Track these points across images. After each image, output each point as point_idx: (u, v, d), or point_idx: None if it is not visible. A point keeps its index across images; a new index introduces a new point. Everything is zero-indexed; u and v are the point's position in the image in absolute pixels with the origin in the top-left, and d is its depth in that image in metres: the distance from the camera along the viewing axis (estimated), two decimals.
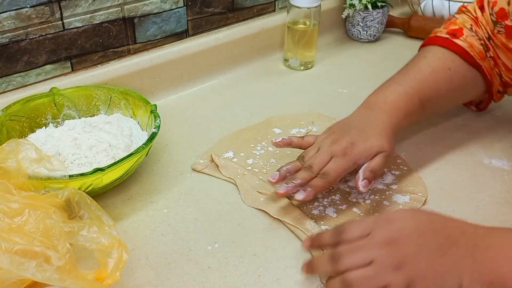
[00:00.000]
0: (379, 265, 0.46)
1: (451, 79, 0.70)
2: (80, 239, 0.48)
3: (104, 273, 0.47)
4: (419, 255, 0.46)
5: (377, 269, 0.45)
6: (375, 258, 0.46)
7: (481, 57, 0.70)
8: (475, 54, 0.70)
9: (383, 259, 0.46)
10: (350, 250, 0.47)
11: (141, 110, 0.71)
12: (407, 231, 0.47)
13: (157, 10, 0.83)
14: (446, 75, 0.70)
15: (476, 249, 0.45)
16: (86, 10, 0.75)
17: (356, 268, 0.46)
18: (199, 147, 0.74)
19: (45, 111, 0.70)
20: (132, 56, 0.83)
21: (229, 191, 0.66)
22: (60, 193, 0.52)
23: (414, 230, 0.47)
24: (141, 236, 0.59)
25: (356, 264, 0.46)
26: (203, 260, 0.55)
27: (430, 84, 0.68)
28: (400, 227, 0.47)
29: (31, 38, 0.71)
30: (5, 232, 0.45)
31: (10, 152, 0.53)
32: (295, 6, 0.93)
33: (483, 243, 0.46)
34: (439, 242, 0.46)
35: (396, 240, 0.46)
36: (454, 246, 0.46)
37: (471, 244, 0.46)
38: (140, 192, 0.65)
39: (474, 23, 0.72)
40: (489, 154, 0.73)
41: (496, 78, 0.72)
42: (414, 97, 0.67)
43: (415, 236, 0.46)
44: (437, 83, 0.69)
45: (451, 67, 0.70)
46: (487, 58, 0.70)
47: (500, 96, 0.75)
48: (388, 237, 0.47)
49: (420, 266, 0.45)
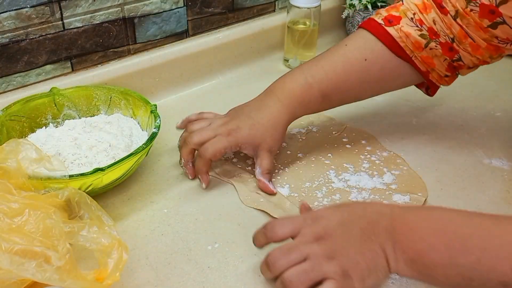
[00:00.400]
0: (314, 259, 0.48)
1: (365, 71, 0.68)
2: (80, 239, 0.48)
3: (104, 273, 0.47)
4: (346, 244, 0.49)
5: (312, 262, 0.48)
6: (308, 253, 0.48)
7: (416, 47, 0.67)
8: (407, 45, 0.67)
9: (316, 252, 0.48)
10: (283, 252, 0.49)
11: (141, 110, 0.71)
12: (333, 225, 0.50)
13: (157, 10, 0.83)
14: (360, 67, 0.68)
15: (394, 230, 0.48)
16: (86, 10, 0.75)
17: (292, 267, 0.48)
18: None
19: (45, 111, 0.70)
20: (132, 56, 0.83)
21: (229, 191, 0.66)
22: (60, 193, 0.52)
23: (338, 223, 0.50)
24: (141, 236, 0.59)
25: (292, 263, 0.48)
26: (203, 260, 0.55)
27: (338, 75, 0.68)
28: (326, 223, 0.50)
29: (31, 38, 0.71)
30: (5, 232, 0.45)
31: (10, 152, 0.53)
32: (295, 6, 0.93)
33: (399, 224, 0.49)
34: (361, 228, 0.49)
35: (325, 235, 0.49)
36: (375, 230, 0.49)
37: (390, 226, 0.49)
38: (140, 192, 0.65)
39: (421, 10, 0.67)
40: (489, 154, 0.73)
41: (441, 65, 0.68)
42: (314, 87, 0.67)
43: (341, 228, 0.50)
44: (348, 74, 0.68)
45: (368, 58, 0.68)
46: (426, 49, 0.67)
47: (449, 79, 0.71)
48: (317, 233, 0.49)
49: (350, 254, 0.48)
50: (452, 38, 0.65)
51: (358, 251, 0.48)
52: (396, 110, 0.84)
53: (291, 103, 0.67)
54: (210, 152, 0.64)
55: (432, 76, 0.69)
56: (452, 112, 0.83)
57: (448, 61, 0.67)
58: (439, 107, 0.85)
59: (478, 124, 0.80)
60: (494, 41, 0.64)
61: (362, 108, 0.84)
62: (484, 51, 0.65)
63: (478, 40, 0.64)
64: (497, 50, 0.65)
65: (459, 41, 0.65)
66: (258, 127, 0.65)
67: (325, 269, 0.47)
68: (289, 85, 0.68)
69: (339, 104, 0.72)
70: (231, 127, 0.65)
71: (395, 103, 0.86)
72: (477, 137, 0.77)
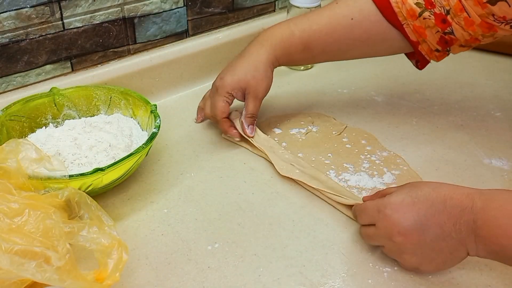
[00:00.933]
0: (388, 251, 0.53)
1: (351, 29, 0.70)
2: (80, 239, 0.48)
3: (104, 274, 0.47)
4: (423, 243, 0.50)
5: (387, 252, 0.53)
6: (384, 245, 0.53)
7: (410, 15, 0.67)
8: (401, 11, 0.67)
9: (389, 248, 0.52)
10: (366, 235, 0.55)
11: (141, 110, 0.71)
12: (408, 223, 0.50)
13: (157, 10, 0.83)
14: (344, 24, 0.70)
15: (476, 226, 0.48)
16: (86, 10, 0.75)
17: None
18: (199, 147, 0.74)
19: (45, 111, 0.70)
20: (132, 56, 0.83)
21: (229, 191, 0.66)
22: (60, 193, 0.52)
23: (415, 221, 0.50)
24: (141, 236, 0.59)
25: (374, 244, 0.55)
26: (203, 260, 0.55)
27: (321, 28, 0.70)
28: (399, 220, 0.50)
29: (31, 38, 0.71)
30: (5, 233, 0.45)
31: (10, 152, 0.53)
32: (295, 6, 0.93)
33: (481, 219, 0.48)
34: (441, 226, 0.49)
35: (399, 233, 0.50)
36: (456, 226, 0.48)
37: (471, 221, 0.48)
38: (140, 192, 0.65)
39: None
40: (489, 154, 0.73)
41: (433, 37, 0.68)
42: (295, 35, 0.70)
43: (417, 226, 0.49)
44: (331, 29, 0.70)
45: (355, 17, 0.69)
46: (419, 18, 0.67)
47: (440, 55, 0.72)
48: (391, 231, 0.51)
49: (426, 252, 0.50)
50: (447, 10, 0.65)
51: (434, 248, 0.49)
52: (396, 110, 0.84)
53: (272, 45, 0.70)
54: (216, 114, 0.71)
55: (421, 48, 0.70)
56: (452, 112, 0.83)
57: (440, 33, 0.67)
58: (439, 107, 0.85)
59: (478, 124, 0.80)
60: (489, 18, 0.64)
61: (362, 108, 0.84)
62: (477, 27, 0.65)
63: (474, 15, 0.64)
64: (490, 29, 0.65)
65: (454, 14, 0.65)
66: (239, 71, 0.69)
67: (398, 259, 0.53)
68: (272, 30, 0.71)
69: (321, 59, 0.75)
70: (217, 82, 0.71)
71: (395, 103, 0.86)
72: (477, 137, 0.77)
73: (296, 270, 0.54)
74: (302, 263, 0.55)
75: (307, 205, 0.63)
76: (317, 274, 0.54)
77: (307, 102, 0.87)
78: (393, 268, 0.54)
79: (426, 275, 0.53)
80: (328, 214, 0.62)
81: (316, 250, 0.57)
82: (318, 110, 0.84)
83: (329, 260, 0.55)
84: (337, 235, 0.59)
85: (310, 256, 0.56)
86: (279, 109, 0.84)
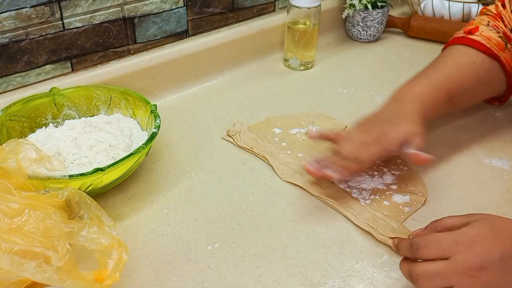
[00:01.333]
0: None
1: (477, 72, 0.71)
2: (80, 239, 0.48)
3: (104, 274, 0.47)
4: (506, 282, 0.44)
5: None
6: (455, 285, 0.44)
7: (499, 48, 0.72)
8: (493, 45, 0.72)
9: (465, 286, 0.44)
10: (428, 274, 0.46)
11: (141, 110, 0.71)
12: (491, 258, 0.44)
13: (157, 10, 0.83)
14: (472, 68, 0.71)
15: None
16: (86, 10, 0.75)
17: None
18: (199, 147, 0.74)
19: (45, 111, 0.70)
20: (132, 56, 0.83)
21: (229, 191, 0.66)
22: (60, 193, 0.52)
23: (499, 257, 0.44)
24: (141, 236, 0.59)
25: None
26: (203, 260, 0.55)
27: (457, 77, 0.70)
28: (483, 253, 0.44)
29: (31, 38, 0.71)
30: (5, 233, 0.45)
31: (10, 152, 0.53)
32: (295, 6, 0.93)
33: None
34: None
35: (479, 269, 0.44)
36: None
37: None
38: (140, 192, 0.65)
39: (493, 19, 0.74)
40: (489, 154, 0.73)
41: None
42: (441, 89, 0.68)
43: (500, 264, 0.44)
44: (464, 76, 0.71)
45: (476, 61, 0.72)
46: (506, 49, 0.72)
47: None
48: (470, 265, 0.44)
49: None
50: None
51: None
52: None
53: (424, 105, 0.66)
54: (364, 160, 0.61)
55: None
56: (452, 112, 0.83)
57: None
58: None
59: (478, 124, 0.80)
60: None
61: (362, 108, 0.84)
62: None
63: None
64: None
65: None
66: (404, 125, 0.62)
67: None
68: (418, 88, 0.68)
69: (459, 107, 0.74)
70: (377, 133, 0.62)
71: None
72: (477, 137, 0.77)
73: (296, 270, 0.54)
74: (302, 263, 0.55)
75: (307, 205, 0.63)
76: (317, 274, 0.54)
77: (307, 102, 0.87)
78: (393, 268, 0.54)
79: None
80: (328, 214, 0.62)
81: (316, 250, 0.57)
82: (318, 110, 0.84)
83: (329, 260, 0.55)
84: (337, 235, 0.59)
85: (310, 256, 0.56)
86: (279, 109, 0.84)
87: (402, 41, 1.12)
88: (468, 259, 0.44)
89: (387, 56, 1.04)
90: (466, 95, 0.72)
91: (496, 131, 0.78)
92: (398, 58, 1.03)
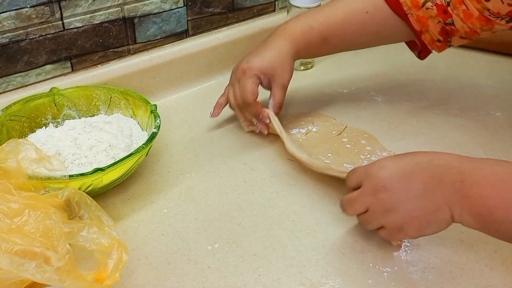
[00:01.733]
0: (372, 211, 0.52)
1: (365, 23, 0.73)
2: (80, 239, 0.48)
3: (104, 274, 0.47)
4: (406, 199, 0.50)
5: (371, 215, 0.52)
6: (368, 206, 0.52)
7: (413, 5, 0.70)
8: (405, 1, 0.70)
9: (374, 206, 0.52)
10: (348, 202, 0.54)
11: (141, 110, 0.71)
12: (393, 177, 0.50)
13: (157, 10, 0.83)
14: (360, 18, 0.72)
15: (463, 185, 0.47)
16: (86, 10, 0.75)
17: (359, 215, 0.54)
18: (199, 147, 0.74)
19: (45, 111, 0.70)
20: (132, 56, 0.83)
21: (229, 191, 0.66)
22: (60, 193, 0.52)
23: (400, 176, 0.50)
24: (141, 236, 0.59)
25: (356, 213, 0.54)
26: (203, 260, 0.55)
27: (338, 22, 0.73)
28: (386, 174, 0.51)
29: (31, 38, 0.71)
30: (5, 233, 0.45)
31: (10, 152, 0.53)
32: (295, 6, 0.93)
33: (470, 179, 0.48)
34: (425, 182, 0.49)
35: (384, 187, 0.50)
36: (441, 184, 0.48)
37: (458, 180, 0.48)
38: (140, 192, 0.65)
39: None
40: (489, 154, 0.73)
41: (435, 27, 0.71)
42: (314, 29, 0.72)
43: (401, 181, 0.50)
44: (347, 22, 0.73)
45: (369, 11, 0.72)
46: (423, 8, 0.70)
47: (442, 46, 0.74)
48: (376, 186, 0.51)
49: (409, 208, 0.50)
50: (448, 1, 0.68)
51: (417, 205, 0.49)
52: (396, 110, 0.84)
53: (293, 40, 0.71)
54: (247, 97, 0.69)
55: (424, 37, 0.72)
56: (452, 112, 0.83)
57: (441, 24, 0.69)
58: (439, 107, 0.85)
59: (478, 124, 0.80)
60: (485, 12, 0.65)
61: (362, 108, 0.84)
62: (476, 20, 0.67)
63: (472, 8, 0.66)
64: (488, 22, 0.67)
65: (454, 6, 0.67)
66: (267, 57, 0.70)
67: (382, 221, 0.51)
68: (291, 25, 0.73)
69: (336, 50, 0.77)
70: (243, 66, 0.70)
71: (395, 103, 0.86)
72: (477, 137, 0.77)
73: (296, 270, 0.54)
74: (302, 263, 0.55)
75: (307, 205, 0.63)
76: (317, 274, 0.54)
77: (307, 102, 0.87)
78: (393, 268, 0.54)
79: (426, 275, 0.53)
80: (328, 214, 0.62)
81: (316, 250, 0.57)
82: (318, 110, 0.84)
83: (329, 260, 0.55)
84: (337, 235, 0.59)
85: (310, 256, 0.56)
86: None
87: None
88: (371, 182, 0.52)
89: (387, 56, 1.04)
90: (346, 41, 0.74)
91: (496, 131, 0.78)
92: (398, 58, 1.03)
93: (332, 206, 0.63)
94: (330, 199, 0.64)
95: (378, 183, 0.51)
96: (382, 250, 0.56)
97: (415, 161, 0.51)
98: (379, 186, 0.51)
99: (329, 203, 0.63)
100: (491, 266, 0.54)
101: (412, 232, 0.51)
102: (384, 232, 0.53)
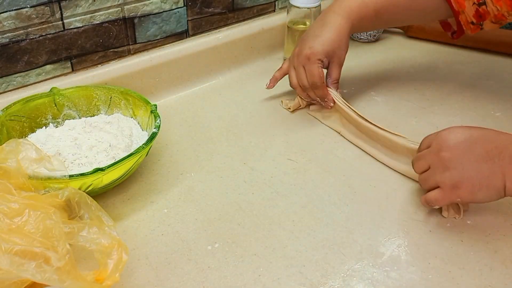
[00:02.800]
0: (432, 168, 0.57)
1: (413, 0, 0.77)
2: (80, 239, 0.48)
3: (104, 274, 0.47)
4: (466, 160, 0.54)
5: (430, 172, 0.57)
6: (430, 163, 0.57)
7: None
8: None
9: (435, 163, 0.56)
10: (415, 159, 0.60)
11: (141, 110, 0.71)
12: (459, 140, 0.55)
13: (157, 10, 0.83)
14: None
15: None
16: (86, 10, 0.75)
17: (421, 173, 0.59)
18: (199, 147, 0.74)
19: (45, 111, 0.70)
20: (132, 56, 0.83)
21: (229, 191, 0.66)
22: (60, 193, 0.51)
23: (465, 140, 0.55)
24: (141, 236, 0.59)
25: (420, 170, 0.59)
26: (203, 260, 0.55)
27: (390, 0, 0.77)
28: (453, 136, 0.56)
29: (31, 38, 0.71)
30: (5, 233, 0.45)
31: (10, 152, 0.53)
32: (295, 6, 0.93)
33: None
34: (487, 150, 0.54)
35: (448, 147, 0.55)
36: (501, 154, 0.53)
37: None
38: (140, 192, 0.65)
39: None
40: None
41: (470, 9, 0.74)
42: (369, 5, 0.76)
43: (465, 145, 0.55)
44: (398, 1, 0.77)
45: None
46: None
47: (475, 28, 0.77)
48: (441, 146, 0.56)
49: (466, 168, 0.54)
50: None
51: (475, 167, 0.54)
52: (396, 110, 0.84)
53: (350, 17, 0.75)
54: (316, 80, 0.74)
55: (461, 18, 0.75)
56: (452, 112, 0.83)
57: (475, 5, 0.72)
58: (439, 107, 0.85)
59: (478, 124, 0.80)
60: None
61: (362, 108, 0.84)
62: (503, 3, 0.70)
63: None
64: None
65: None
66: (327, 40, 0.74)
67: (438, 179, 0.56)
68: (347, 2, 0.77)
69: (385, 26, 0.86)
70: (306, 51, 0.74)
71: (395, 103, 0.86)
72: None
73: (296, 270, 0.54)
74: (302, 263, 0.55)
75: (307, 205, 0.63)
76: (317, 274, 0.54)
77: None
78: (393, 268, 0.54)
79: (426, 275, 0.53)
80: (328, 214, 0.62)
81: (316, 250, 0.57)
82: None
83: (329, 260, 0.55)
84: (337, 235, 0.59)
85: (310, 256, 0.56)
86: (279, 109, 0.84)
87: (401, 41, 1.12)
88: (437, 143, 0.57)
89: (387, 56, 1.04)
90: (396, 16, 0.79)
91: None
92: (398, 58, 1.03)
93: (332, 206, 0.63)
94: (330, 199, 0.64)
95: (444, 143, 0.56)
96: (382, 250, 0.56)
97: (483, 131, 0.56)
98: (444, 146, 0.55)
99: (329, 203, 0.63)
100: (491, 266, 0.54)
101: (464, 193, 0.54)
102: (437, 193, 0.56)
